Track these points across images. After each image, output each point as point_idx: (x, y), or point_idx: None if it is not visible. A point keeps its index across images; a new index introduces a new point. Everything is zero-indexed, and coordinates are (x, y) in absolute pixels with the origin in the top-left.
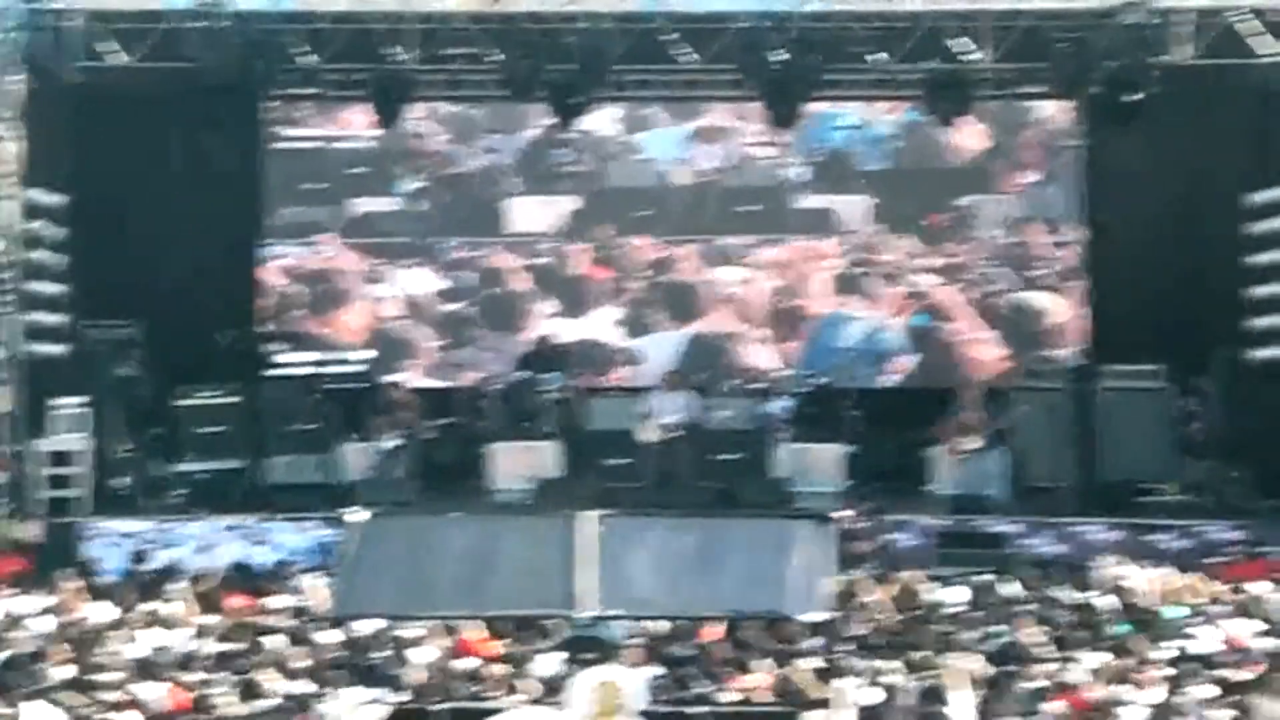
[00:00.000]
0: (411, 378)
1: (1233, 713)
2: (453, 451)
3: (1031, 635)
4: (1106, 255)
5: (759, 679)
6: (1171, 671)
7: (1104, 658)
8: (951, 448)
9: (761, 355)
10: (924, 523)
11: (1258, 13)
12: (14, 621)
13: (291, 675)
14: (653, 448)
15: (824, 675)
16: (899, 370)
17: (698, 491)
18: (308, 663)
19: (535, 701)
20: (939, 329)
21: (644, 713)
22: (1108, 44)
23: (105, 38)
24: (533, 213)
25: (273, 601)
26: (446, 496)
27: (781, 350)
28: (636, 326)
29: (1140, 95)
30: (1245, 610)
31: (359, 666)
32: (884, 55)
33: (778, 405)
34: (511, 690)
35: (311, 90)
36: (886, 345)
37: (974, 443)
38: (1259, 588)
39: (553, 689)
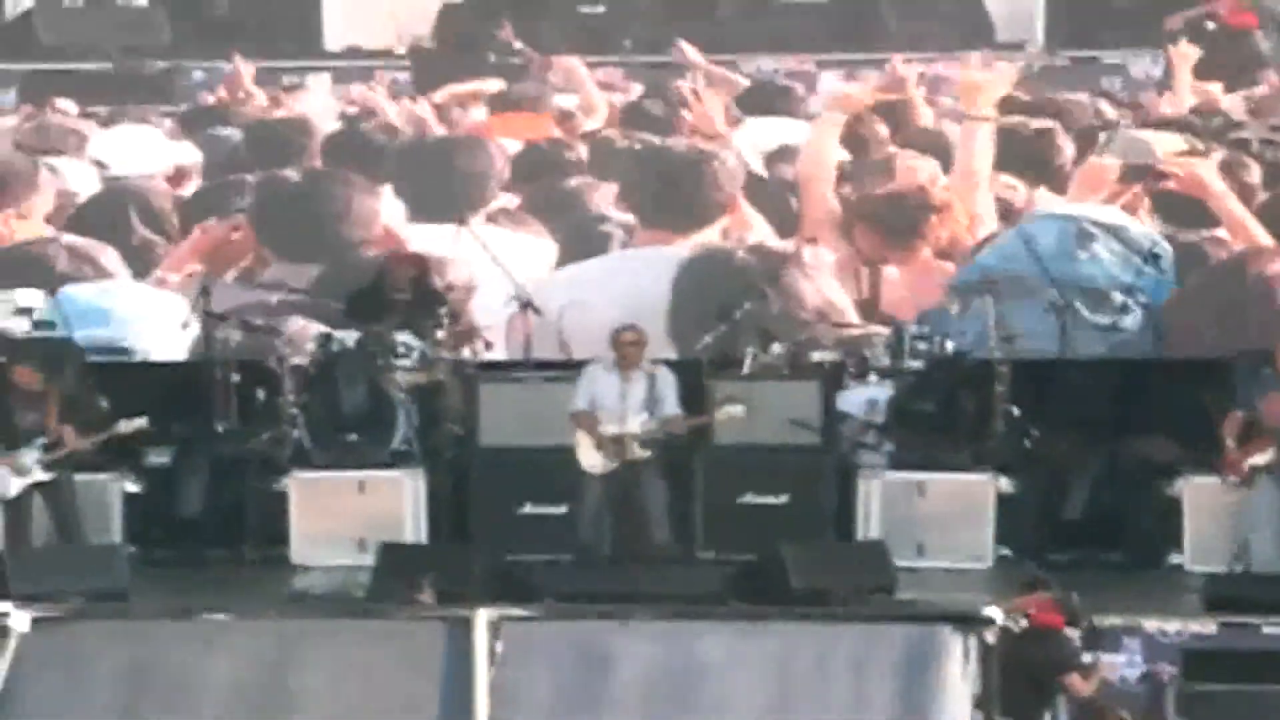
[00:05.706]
0: (129, 339)
1: None
2: (210, 489)
3: None
4: None
5: None
6: None
7: None
8: (1224, 472)
9: (834, 295)
10: (1161, 629)
11: None
12: None
13: None
14: (605, 482)
15: None
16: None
17: (697, 569)
18: None
19: None
20: (1183, 242)
21: None
22: None
23: None
24: (362, 16)
25: None
26: (192, 582)
27: (872, 287)
28: (572, 238)
29: None
30: None
31: None
32: None
33: (863, 397)
34: None
35: None
36: (1091, 271)
37: (1266, 458)
38: None
39: None
